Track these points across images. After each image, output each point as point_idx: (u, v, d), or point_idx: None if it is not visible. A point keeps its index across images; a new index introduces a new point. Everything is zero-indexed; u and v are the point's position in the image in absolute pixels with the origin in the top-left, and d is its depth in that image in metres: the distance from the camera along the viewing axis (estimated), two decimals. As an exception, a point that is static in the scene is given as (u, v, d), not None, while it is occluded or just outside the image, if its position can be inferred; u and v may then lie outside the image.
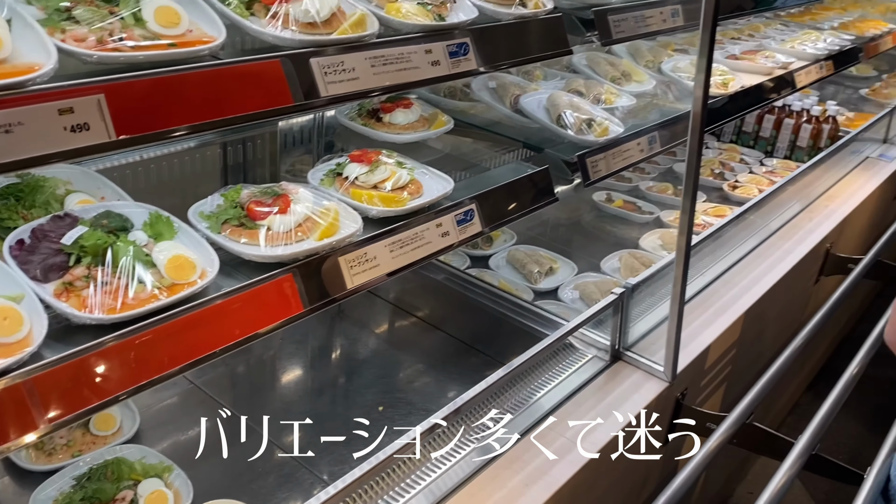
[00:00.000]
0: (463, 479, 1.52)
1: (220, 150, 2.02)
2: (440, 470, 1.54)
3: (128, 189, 1.48)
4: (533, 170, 1.78)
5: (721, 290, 2.34)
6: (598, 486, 1.68)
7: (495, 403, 1.66)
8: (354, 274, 1.35)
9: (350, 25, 1.25)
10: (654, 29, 1.96)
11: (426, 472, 1.54)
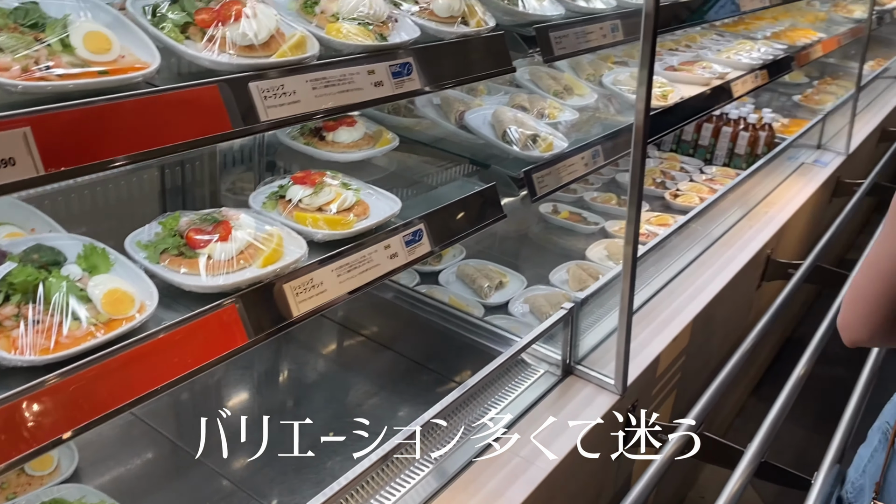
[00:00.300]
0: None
1: (158, 172, 1.97)
2: (397, 495, 1.52)
3: (59, 217, 1.42)
4: (480, 187, 1.78)
5: (667, 299, 2.37)
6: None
7: (449, 425, 1.63)
8: (301, 301, 1.32)
9: (289, 48, 1.22)
10: (595, 44, 1.97)
11: (383, 497, 1.51)
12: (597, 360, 1.95)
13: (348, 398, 2.08)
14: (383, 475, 1.53)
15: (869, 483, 1.57)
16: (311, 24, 1.37)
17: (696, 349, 2.41)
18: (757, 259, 2.79)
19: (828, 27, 4.87)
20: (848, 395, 2.13)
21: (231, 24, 1.17)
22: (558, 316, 1.86)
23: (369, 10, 1.40)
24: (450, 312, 2.21)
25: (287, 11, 1.40)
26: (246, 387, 2.17)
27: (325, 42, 1.32)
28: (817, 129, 3.96)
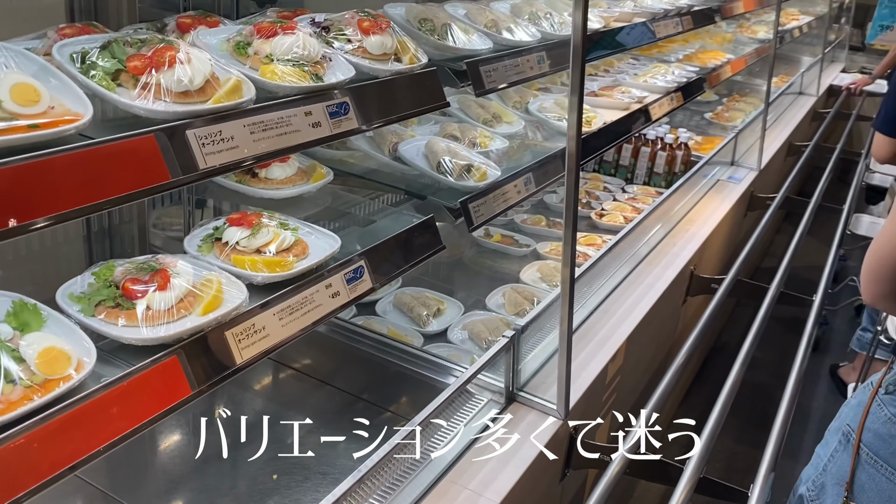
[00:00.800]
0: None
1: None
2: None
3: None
4: (418, 219, 1.79)
5: (602, 319, 2.43)
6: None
7: (395, 463, 1.62)
8: (243, 348, 1.29)
9: (226, 93, 1.21)
10: (524, 76, 2.02)
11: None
12: (539, 384, 1.98)
13: (287, 437, 2.04)
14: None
15: (831, 482, 1.68)
16: (245, 66, 1.36)
17: (630, 367, 2.48)
18: (682, 275, 2.88)
19: (735, 47, 5.12)
20: (771, 399, 2.24)
21: (165, 70, 1.15)
22: (500, 345, 1.88)
23: (303, 50, 1.40)
24: (389, 344, 2.20)
25: (219, 53, 1.39)
26: (179, 428, 2.10)
27: (260, 84, 1.31)
28: (730, 146, 4.14)
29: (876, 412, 1.62)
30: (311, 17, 1.63)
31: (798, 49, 6.93)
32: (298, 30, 1.42)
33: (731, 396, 2.16)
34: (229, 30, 1.46)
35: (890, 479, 1.58)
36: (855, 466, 1.63)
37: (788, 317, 3.24)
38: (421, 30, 1.87)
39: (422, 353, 2.16)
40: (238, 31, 1.44)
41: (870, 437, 1.63)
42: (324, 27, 1.59)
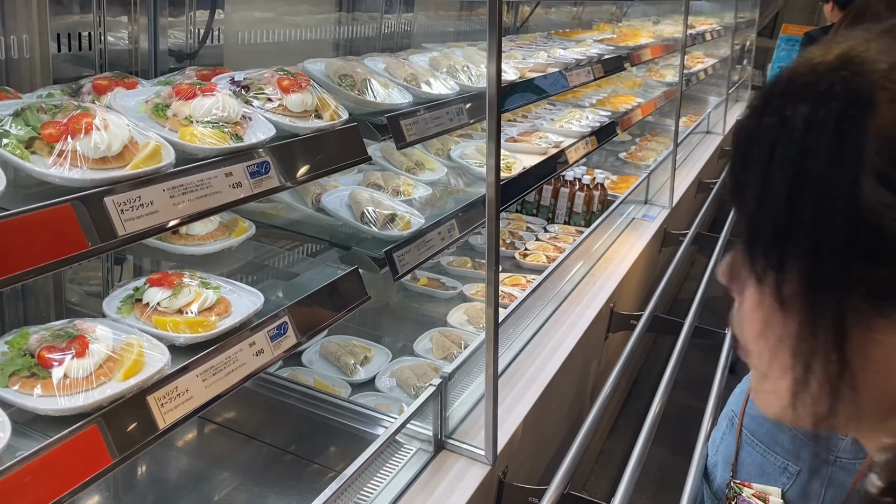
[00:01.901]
0: None
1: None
2: None
3: None
4: (342, 270, 1.80)
5: (527, 361, 2.48)
6: (436, 582, 1.69)
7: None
8: (166, 412, 1.28)
9: (144, 157, 1.21)
10: (444, 128, 2.08)
11: None
12: (466, 431, 2.00)
13: (213, 495, 2.00)
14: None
15: (721, 461, 1.91)
16: (164, 128, 1.36)
17: (555, 408, 2.53)
18: (602, 313, 2.98)
19: (645, 91, 5.37)
20: (693, 420, 2.37)
21: (81, 137, 1.15)
22: (428, 393, 1.90)
23: (223, 111, 1.41)
24: (315, 396, 2.19)
25: (138, 116, 1.39)
26: (99, 489, 2.03)
27: (179, 147, 1.31)
28: (643, 186, 4.31)
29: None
30: (230, 76, 1.64)
31: (704, 90, 7.31)
32: (217, 91, 1.44)
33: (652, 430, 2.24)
34: (147, 91, 1.47)
35: (763, 455, 1.81)
36: (738, 447, 1.84)
37: (707, 341, 3.39)
38: (341, 85, 1.91)
39: (349, 403, 2.16)
40: (156, 93, 1.44)
41: (748, 421, 1.85)
42: (243, 86, 1.61)
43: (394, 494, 1.74)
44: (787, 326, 0.63)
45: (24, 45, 1.68)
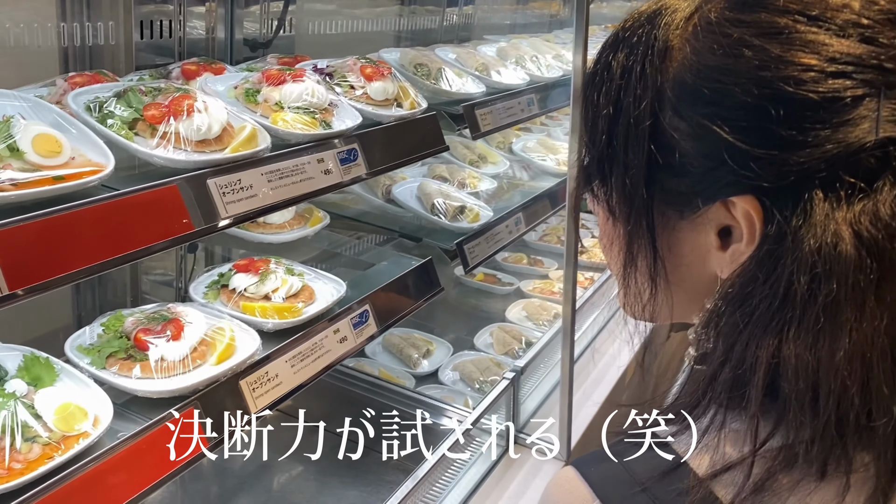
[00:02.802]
0: None
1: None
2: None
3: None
4: (418, 262, 1.79)
5: (594, 358, 2.44)
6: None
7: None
8: (258, 396, 1.27)
9: (242, 141, 1.21)
10: (516, 118, 2.06)
11: None
12: (537, 426, 1.98)
13: (287, 485, 2.00)
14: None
15: None
16: (256, 113, 1.36)
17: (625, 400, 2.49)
18: (666, 312, 2.92)
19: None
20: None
21: (183, 119, 1.15)
22: (501, 387, 1.87)
23: (312, 97, 1.41)
24: (382, 385, 2.18)
25: (228, 100, 1.38)
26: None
27: (272, 132, 1.31)
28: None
29: None
30: (312, 64, 1.64)
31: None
32: (307, 77, 1.43)
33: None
34: (235, 77, 1.47)
35: None
36: None
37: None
38: (417, 74, 1.90)
39: (416, 394, 2.14)
40: (245, 79, 1.44)
41: None
42: (327, 73, 1.60)
43: (468, 489, 1.72)
44: (617, 232, 0.77)
45: (109, 31, 1.69)
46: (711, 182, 0.67)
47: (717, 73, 0.65)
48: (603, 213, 0.79)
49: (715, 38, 0.66)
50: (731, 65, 0.64)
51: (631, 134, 0.70)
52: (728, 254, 0.69)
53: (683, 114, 0.67)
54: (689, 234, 0.72)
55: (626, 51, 0.72)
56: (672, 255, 0.74)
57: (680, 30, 0.69)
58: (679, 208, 0.71)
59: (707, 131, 0.65)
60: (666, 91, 0.68)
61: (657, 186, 0.71)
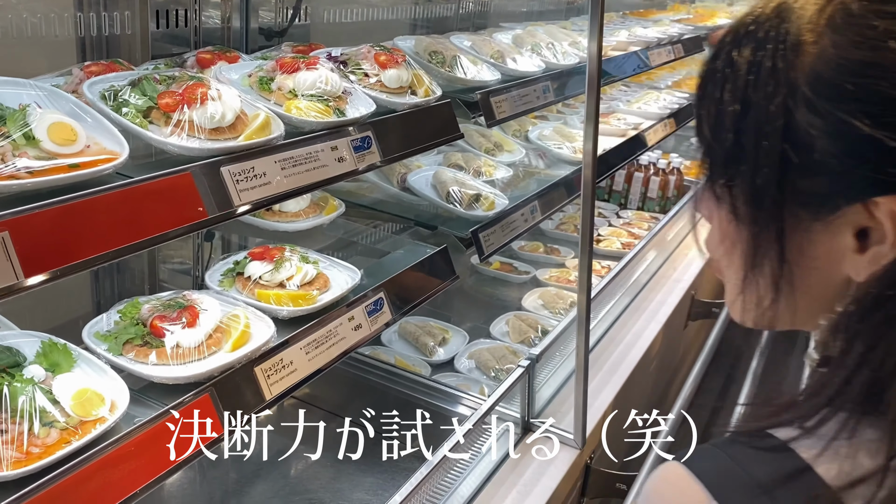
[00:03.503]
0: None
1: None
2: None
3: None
4: (433, 250, 1.79)
5: (609, 347, 2.43)
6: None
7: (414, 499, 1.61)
8: (272, 383, 1.28)
9: (256, 129, 1.21)
10: (531, 106, 2.04)
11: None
12: (553, 413, 1.98)
13: (303, 474, 2.02)
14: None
15: None
16: (269, 101, 1.36)
17: (637, 395, 2.48)
18: (684, 301, 2.90)
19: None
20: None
21: (197, 107, 1.15)
22: (516, 375, 1.87)
23: (326, 85, 1.41)
24: (398, 373, 2.19)
25: (242, 89, 1.39)
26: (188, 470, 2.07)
27: (286, 120, 1.31)
28: (721, 171, 4.18)
29: None
30: (327, 52, 1.64)
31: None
32: (320, 65, 1.43)
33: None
34: (249, 65, 1.47)
35: None
36: None
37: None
38: (431, 62, 1.89)
39: (432, 382, 2.15)
40: (259, 67, 1.44)
41: None
42: (341, 61, 1.60)
43: (483, 474, 1.73)
44: (741, 235, 0.73)
45: (125, 21, 1.70)
46: (852, 182, 0.65)
47: (860, 68, 0.63)
48: (725, 215, 0.75)
49: (858, 30, 0.64)
50: (877, 58, 0.62)
51: (762, 132, 0.68)
52: (867, 256, 0.67)
53: (821, 110, 0.65)
54: (822, 237, 0.69)
55: (751, 45, 0.70)
56: (802, 258, 0.70)
57: (812, 23, 0.67)
58: (813, 210, 0.68)
59: (848, 128, 0.63)
60: (800, 87, 0.66)
61: (789, 187, 0.68)
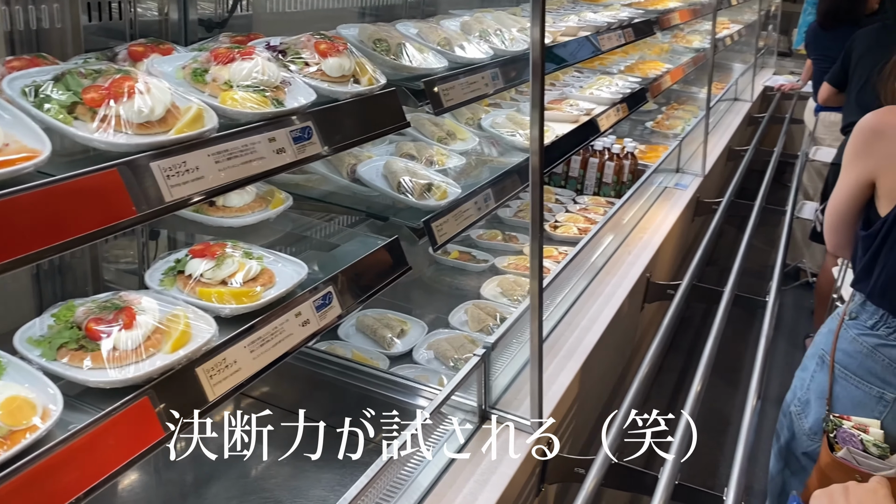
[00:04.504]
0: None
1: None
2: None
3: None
4: (384, 241, 1.77)
5: (565, 332, 2.44)
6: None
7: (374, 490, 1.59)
8: (216, 383, 1.25)
9: (187, 122, 1.17)
10: (480, 93, 2.02)
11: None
12: (510, 400, 1.97)
13: (258, 472, 1.99)
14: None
15: (813, 397, 2.05)
16: (204, 93, 1.32)
17: (594, 379, 2.49)
18: (639, 284, 2.92)
19: (672, 57, 5.25)
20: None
21: (124, 101, 1.11)
22: (472, 364, 1.86)
23: (263, 75, 1.37)
24: (355, 368, 2.17)
25: (176, 81, 1.35)
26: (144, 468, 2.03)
27: (220, 112, 1.28)
28: (675, 154, 4.23)
29: (844, 335, 1.99)
30: (266, 42, 1.60)
31: (730, 56, 7.15)
32: (256, 54, 1.39)
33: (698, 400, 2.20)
34: (184, 57, 1.43)
35: (857, 387, 1.93)
36: (832, 382, 1.98)
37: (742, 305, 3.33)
38: (376, 50, 1.86)
39: (389, 375, 2.13)
40: (193, 58, 1.40)
41: (840, 356, 1.98)
42: (280, 51, 1.56)
43: (441, 465, 1.72)
44: None
45: (55, 14, 1.64)
46: None
47: None
48: None
49: None
50: None
51: None
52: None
53: None
54: None
55: None
56: None
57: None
58: None
59: None
60: None
61: None
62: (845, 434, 1.86)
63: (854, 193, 1.94)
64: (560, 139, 2.76)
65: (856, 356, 1.94)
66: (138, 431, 1.12)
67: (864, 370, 1.92)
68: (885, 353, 1.89)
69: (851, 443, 1.86)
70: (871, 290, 1.92)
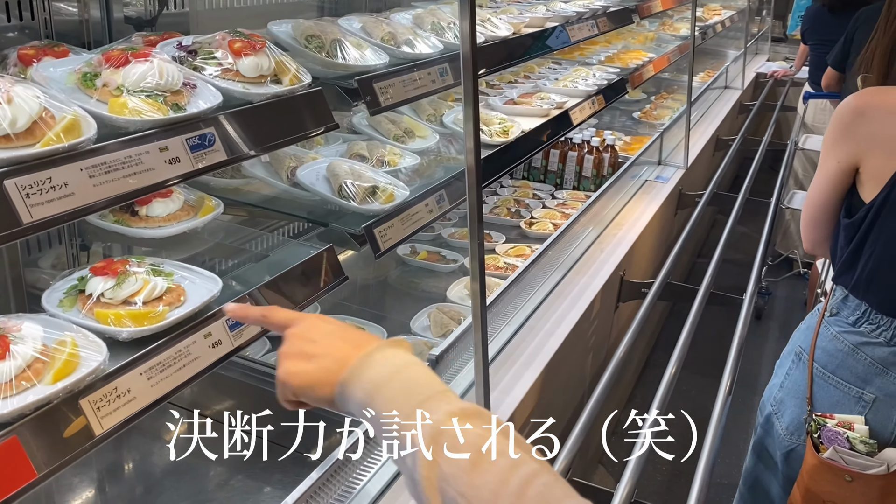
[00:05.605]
0: None
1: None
2: None
3: None
4: (316, 250, 1.66)
5: (529, 335, 2.34)
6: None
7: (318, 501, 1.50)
8: (104, 416, 1.15)
9: (58, 133, 1.07)
10: (426, 90, 1.92)
11: None
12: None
13: (206, 487, 1.90)
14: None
15: (788, 396, 1.98)
16: (92, 99, 1.22)
17: (562, 382, 2.39)
18: (611, 282, 2.82)
19: (657, 46, 5.13)
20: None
21: (-22, 113, 1.01)
22: (412, 379, 1.76)
23: (159, 79, 1.27)
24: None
25: (64, 87, 1.24)
26: (87, 489, 1.94)
27: (107, 121, 1.17)
28: (657, 146, 4.11)
29: (824, 332, 1.90)
30: (178, 41, 1.50)
31: (722, 43, 7.01)
32: (153, 56, 1.29)
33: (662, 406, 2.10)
34: (76, 60, 1.32)
35: (836, 388, 1.86)
36: (811, 381, 1.90)
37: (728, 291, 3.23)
38: (308, 47, 1.76)
39: (338, 388, 2.03)
40: (86, 62, 1.30)
41: (819, 354, 1.89)
42: (190, 51, 1.46)
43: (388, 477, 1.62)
44: None
45: (-45, 16, 1.54)
46: None
47: None
48: None
49: None
50: None
51: None
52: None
53: None
54: None
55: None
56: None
57: None
58: None
59: None
60: None
61: None
62: (830, 433, 1.79)
63: (836, 181, 1.82)
64: (525, 135, 2.65)
65: (836, 355, 1.86)
66: (5, 473, 1.02)
67: (844, 370, 1.83)
68: (868, 351, 1.80)
69: (837, 441, 1.79)
70: (855, 283, 1.81)
